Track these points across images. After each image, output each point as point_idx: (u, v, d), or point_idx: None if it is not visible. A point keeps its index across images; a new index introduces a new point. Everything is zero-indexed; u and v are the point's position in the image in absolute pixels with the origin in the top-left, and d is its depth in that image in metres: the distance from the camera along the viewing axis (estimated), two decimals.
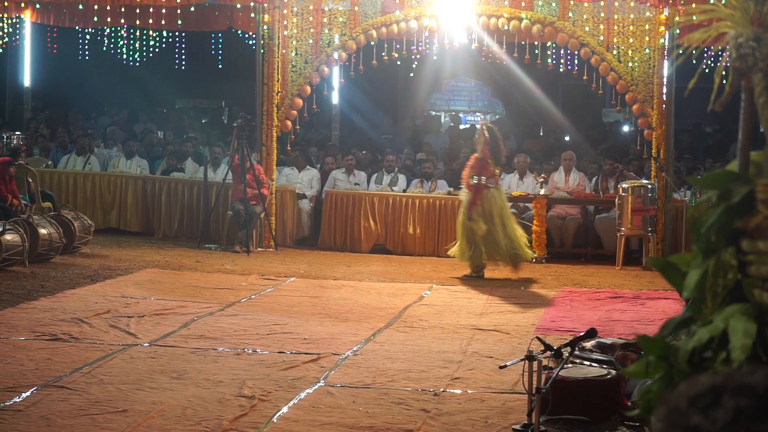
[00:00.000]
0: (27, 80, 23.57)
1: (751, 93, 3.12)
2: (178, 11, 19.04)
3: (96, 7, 18.75)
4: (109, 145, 20.54)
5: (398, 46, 17.62)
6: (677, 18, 15.83)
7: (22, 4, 19.50)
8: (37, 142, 20.83)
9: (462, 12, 16.80)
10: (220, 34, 22.56)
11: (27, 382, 8.17)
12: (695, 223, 2.84)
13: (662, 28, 16.26)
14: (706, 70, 3.73)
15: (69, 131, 21.56)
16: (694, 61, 4.55)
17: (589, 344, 8.45)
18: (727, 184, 2.80)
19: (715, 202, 2.83)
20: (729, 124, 24.19)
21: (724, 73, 3.27)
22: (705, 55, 3.72)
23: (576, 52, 16.75)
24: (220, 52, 24.11)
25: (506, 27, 16.66)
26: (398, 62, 19.57)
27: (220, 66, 25.30)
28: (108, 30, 21.69)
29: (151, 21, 19.53)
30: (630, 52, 16.49)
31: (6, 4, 19.09)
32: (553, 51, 17.42)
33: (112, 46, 22.31)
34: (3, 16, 20.44)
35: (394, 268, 15.48)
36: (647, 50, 16.46)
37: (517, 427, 7.09)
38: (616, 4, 16.43)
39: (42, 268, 14.14)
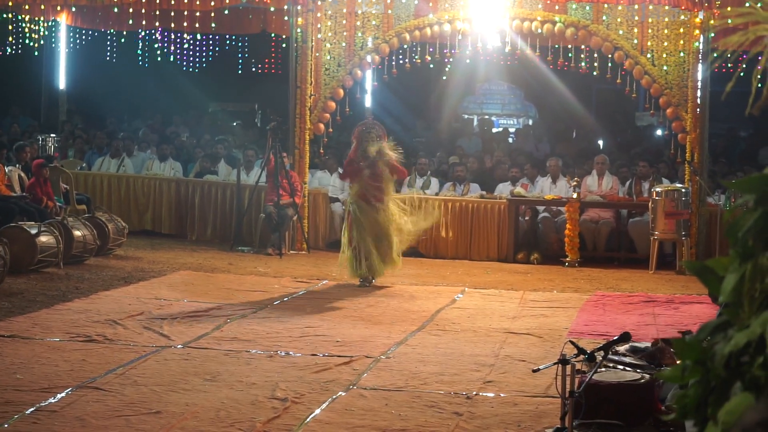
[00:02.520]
0: (62, 83, 23.73)
1: None
2: (212, 14, 19.13)
3: (131, 10, 18.86)
4: (143, 148, 20.64)
5: (431, 50, 17.62)
6: (712, 21, 15.76)
7: (58, 8, 19.65)
8: (75, 143, 20.95)
9: (495, 15, 16.78)
10: (253, 37, 22.63)
11: (62, 383, 8.22)
12: (732, 227, 2.83)
13: (697, 31, 16.19)
14: (741, 74, 3.71)
15: (107, 134, 21.67)
16: (729, 65, 4.54)
17: (622, 348, 8.43)
18: (764, 188, 2.78)
19: (753, 206, 2.81)
20: (763, 129, 24.05)
21: (759, 77, 3.25)
22: (740, 58, 3.70)
23: (610, 56, 16.69)
24: (253, 54, 24.21)
25: (540, 30, 16.63)
26: (431, 65, 19.55)
27: (253, 69, 25.38)
28: (142, 33, 21.81)
29: (185, 24, 19.66)
30: (664, 55, 16.42)
31: (42, 7, 19.23)
32: (587, 54, 17.37)
33: (146, 48, 22.42)
34: (39, 20, 20.60)
35: (427, 271, 15.47)
36: (682, 53, 16.38)
37: (550, 431, 7.07)
38: (651, 7, 16.35)
39: (76, 269, 14.22)
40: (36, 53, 21.94)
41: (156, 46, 22.08)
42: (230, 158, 19.55)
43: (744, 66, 3.75)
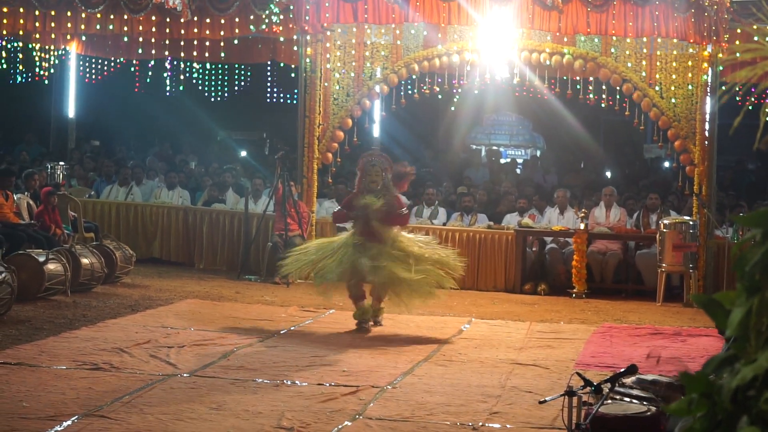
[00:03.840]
0: (71, 111, 23.80)
1: None
2: (222, 44, 19.21)
3: (141, 39, 18.95)
4: (151, 176, 20.68)
5: (440, 80, 17.67)
6: (720, 55, 15.78)
7: (69, 36, 19.76)
8: (75, 170, 20.97)
9: (504, 47, 16.82)
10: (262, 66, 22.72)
11: (68, 411, 8.22)
12: (739, 261, 2.83)
13: (705, 64, 16.21)
14: (750, 107, 3.72)
15: (117, 162, 21.72)
16: (737, 98, 4.55)
17: (629, 381, 8.40)
18: None
19: (760, 241, 2.81)
20: None
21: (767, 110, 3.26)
22: (749, 92, 3.72)
23: (618, 88, 16.71)
24: (263, 84, 24.27)
25: (548, 62, 16.67)
26: (439, 96, 19.59)
27: (264, 98, 25.44)
28: (152, 62, 21.90)
29: (195, 53, 19.74)
30: (672, 88, 16.44)
31: (53, 36, 19.32)
32: (595, 86, 17.39)
33: (156, 77, 22.50)
34: (49, 48, 20.70)
35: (434, 301, 15.43)
36: (690, 86, 16.40)
37: None
38: (659, 40, 16.38)
39: (84, 297, 14.23)
40: (46, 81, 22.02)
41: (165, 75, 22.15)
42: (238, 187, 19.58)
43: (753, 99, 3.77)
